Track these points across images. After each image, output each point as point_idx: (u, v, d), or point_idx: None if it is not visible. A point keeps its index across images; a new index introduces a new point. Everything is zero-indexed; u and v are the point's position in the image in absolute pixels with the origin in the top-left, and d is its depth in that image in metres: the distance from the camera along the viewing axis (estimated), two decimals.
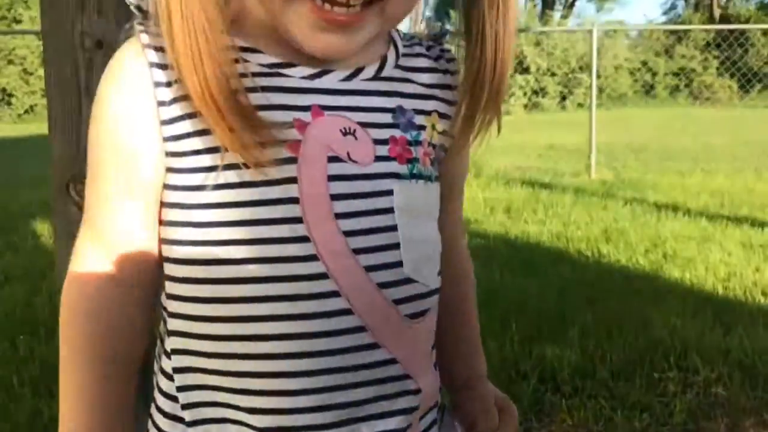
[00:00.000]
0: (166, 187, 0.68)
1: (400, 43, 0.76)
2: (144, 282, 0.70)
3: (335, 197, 0.65)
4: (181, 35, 0.61)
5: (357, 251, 0.66)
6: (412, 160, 0.71)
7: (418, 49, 0.77)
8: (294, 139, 0.65)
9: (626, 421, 2.22)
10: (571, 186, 6.69)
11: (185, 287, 0.68)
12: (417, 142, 0.71)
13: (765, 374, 2.49)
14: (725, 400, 2.35)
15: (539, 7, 30.83)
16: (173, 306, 0.69)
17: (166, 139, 0.65)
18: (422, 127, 0.73)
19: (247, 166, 0.63)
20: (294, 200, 0.64)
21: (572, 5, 36.82)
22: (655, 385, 2.45)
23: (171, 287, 0.70)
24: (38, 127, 15.02)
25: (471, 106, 0.72)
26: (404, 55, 0.75)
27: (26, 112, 19.85)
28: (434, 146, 0.74)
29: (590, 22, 22.61)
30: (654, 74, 23.34)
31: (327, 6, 0.62)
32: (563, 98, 21.83)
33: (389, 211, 0.68)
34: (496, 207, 5.56)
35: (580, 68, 21.18)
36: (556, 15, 30.61)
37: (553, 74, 21.62)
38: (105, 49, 1.29)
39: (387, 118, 0.70)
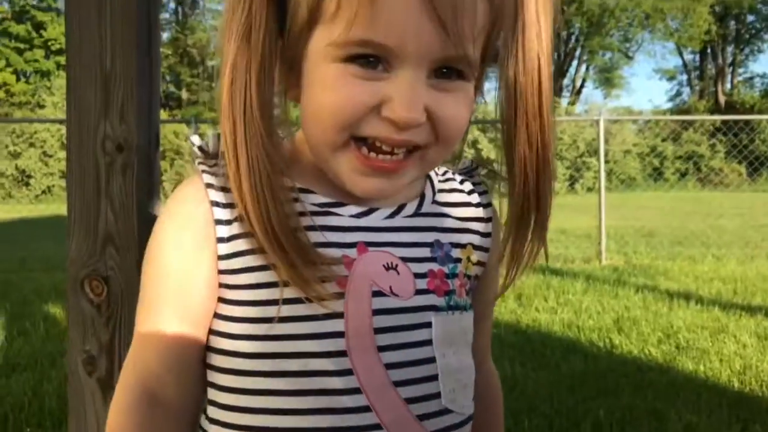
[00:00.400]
0: (217, 316, 0.71)
1: (435, 179, 0.81)
2: (187, 405, 0.72)
3: (378, 330, 0.69)
4: (247, 177, 0.66)
5: (398, 383, 0.69)
6: (449, 293, 0.74)
7: (452, 184, 0.82)
8: (342, 275, 0.69)
9: None
10: (582, 272, 6.66)
11: (228, 414, 0.70)
12: (453, 275, 0.76)
13: None
14: None
15: None
16: (214, 430, 0.72)
17: (222, 272, 0.70)
18: (458, 260, 0.77)
19: (309, 300, 0.67)
20: (340, 334, 0.67)
21: (579, 92, 37.68)
22: None
23: (213, 412, 0.72)
24: (56, 208, 15.27)
25: (517, 241, 0.76)
26: (440, 191, 0.80)
27: (43, 192, 20.22)
28: (469, 277, 0.78)
29: (597, 109, 23.06)
30: (662, 159, 23.59)
31: (372, 154, 0.67)
32: (573, 182, 22.02)
33: (428, 343, 0.72)
34: (506, 294, 5.52)
35: (589, 153, 21.46)
36: (564, 101, 31.26)
37: (562, 158, 21.89)
38: (125, 152, 1.35)
39: (426, 252, 0.74)
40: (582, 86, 38.69)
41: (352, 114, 0.65)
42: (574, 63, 37.89)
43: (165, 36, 33.84)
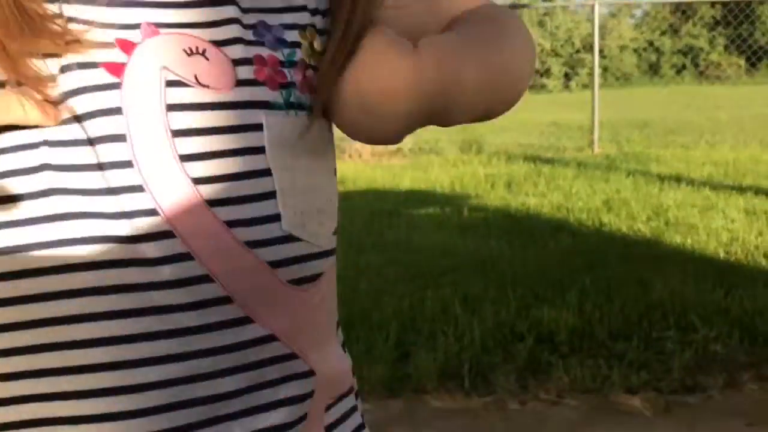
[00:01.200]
0: None
1: None
2: None
3: (178, 133, 0.49)
4: None
5: (213, 203, 0.50)
6: (287, 86, 0.54)
7: None
8: (115, 61, 0.48)
9: (624, 379, 2.20)
10: (573, 160, 6.64)
11: None
12: (291, 63, 0.55)
13: (764, 331, 2.46)
14: (723, 357, 2.33)
15: None
16: None
17: None
18: (296, 45, 0.56)
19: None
20: (119, 138, 0.48)
21: None
22: (653, 344, 2.43)
23: None
24: None
25: None
26: None
27: None
28: (315, 69, 0.57)
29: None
30: (660, 54, 23.17)
31: None
32: (568, 79, 21.70)
33: (259, 150, 0.52)
34: (496, 182, 5.52)
35: (585, 49, 21.04)
36: None
37: (558, 55, 21.49)
38: None
39: (248, 34, 0.53)
40: None
41: None
42: None
43: None
